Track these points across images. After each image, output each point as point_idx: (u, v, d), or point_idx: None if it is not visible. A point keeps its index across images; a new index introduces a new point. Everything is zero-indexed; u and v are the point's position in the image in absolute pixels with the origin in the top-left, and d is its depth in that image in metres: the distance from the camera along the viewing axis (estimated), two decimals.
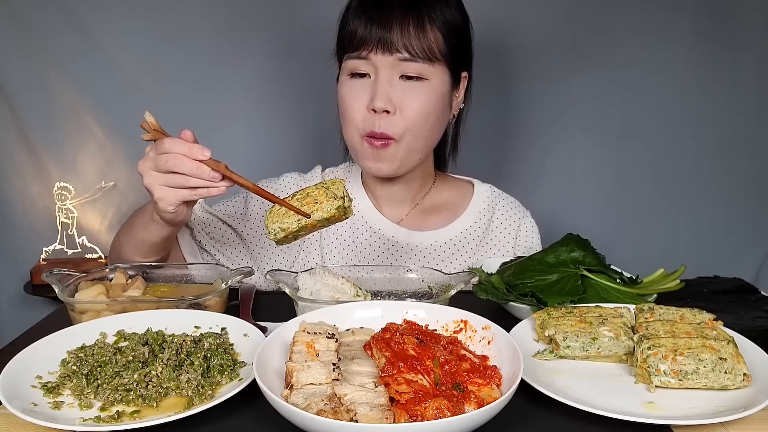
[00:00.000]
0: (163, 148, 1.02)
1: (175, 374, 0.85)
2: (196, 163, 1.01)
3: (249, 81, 2.41)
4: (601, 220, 2.47)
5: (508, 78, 2.43)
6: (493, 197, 1.53)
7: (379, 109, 1.28)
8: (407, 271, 1.17)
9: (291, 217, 1.01)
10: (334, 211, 1.01)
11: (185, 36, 2.34)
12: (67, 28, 2.29)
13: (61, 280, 1.10)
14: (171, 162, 1.01)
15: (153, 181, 1.05)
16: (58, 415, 0.80)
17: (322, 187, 1.03)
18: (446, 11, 1.31)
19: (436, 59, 1.30)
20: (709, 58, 2.39)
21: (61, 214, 2.46)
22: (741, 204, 2.52)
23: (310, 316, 0.94)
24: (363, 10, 1.29)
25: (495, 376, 0.82)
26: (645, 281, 1.18)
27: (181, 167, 1.01)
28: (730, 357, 0.86)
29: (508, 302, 1.11)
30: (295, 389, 0.78)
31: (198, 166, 1.01)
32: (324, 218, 1.01)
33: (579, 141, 2.47)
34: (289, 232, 1.01)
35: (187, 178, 1.02)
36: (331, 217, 1.01)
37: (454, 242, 1.47)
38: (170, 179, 1.04)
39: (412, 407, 0.74)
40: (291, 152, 2.44)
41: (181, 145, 1.01)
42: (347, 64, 1.33)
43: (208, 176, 1.01)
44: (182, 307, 1.05)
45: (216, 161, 1.02)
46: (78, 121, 2.38)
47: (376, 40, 1.27)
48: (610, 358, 0.94)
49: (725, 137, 2.47)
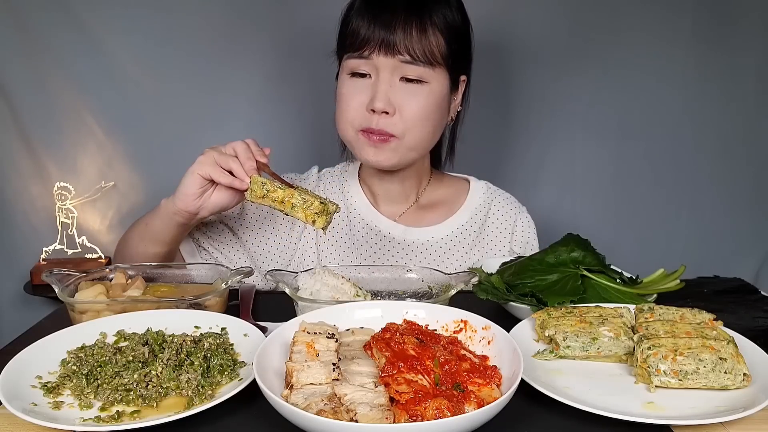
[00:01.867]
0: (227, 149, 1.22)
1: (175, 374, 0.85)
2: (245, 146, 1.22)
3: (249, 81, 2.41)
4: (601, 220, 2.47)
5: (507, 77, 2.42)
6: (489, 194, 1.54)
7: (379, 110, 1.29)
8: (407, 271, 1.17)
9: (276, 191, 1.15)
10: (310, 214, 1.13)
11: (185, 36, 2.34)
12: (67, 28, 2.29)
13: (61, 280, 1.10)
14: (229, 148, 1.22)
15: (205, 162, 1.21)
16: (58, 415, 0.80)
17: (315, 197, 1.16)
18: (449, 15, 1.32)
19: (437, 63, 1.30)
20: (709, 58, 2.39)
21: (61, 214, 2.45)
22: (741, 204, 2.52)
23: (310, 316, 0.94)
24: (367, 10, 1.29)
25: (495, 376, 0.82)
26: (645, 281, 1.18)
27: (237, 149, 1.21)
28: (730, 357, 0.86)
29: (508, 302, 1.11)
30: (295, 389, 0.78)
31: (246, 149, 1.21)
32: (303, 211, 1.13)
33: (579, 141, 2.46)
34: (270, 188, 1.14)
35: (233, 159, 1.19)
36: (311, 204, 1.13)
37: (451, 238, 1.48)
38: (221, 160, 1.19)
39: (412, 407, 0.74)
40: (290, 151, 2.43)
41: (241, 146, 1.22)
42: (348, 63, 1.33)
43: (253, 160, 1.20)
44: (182, 307, 1.05)
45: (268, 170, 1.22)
46: (78, 121, 2.38)
47: (379, 41, 1.27)
48: (610, 358, 0.94)
49: (725, 137, 2.46)
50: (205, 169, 1.19)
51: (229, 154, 1.20)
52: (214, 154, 1.20)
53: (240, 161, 1.19)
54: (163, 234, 1.30)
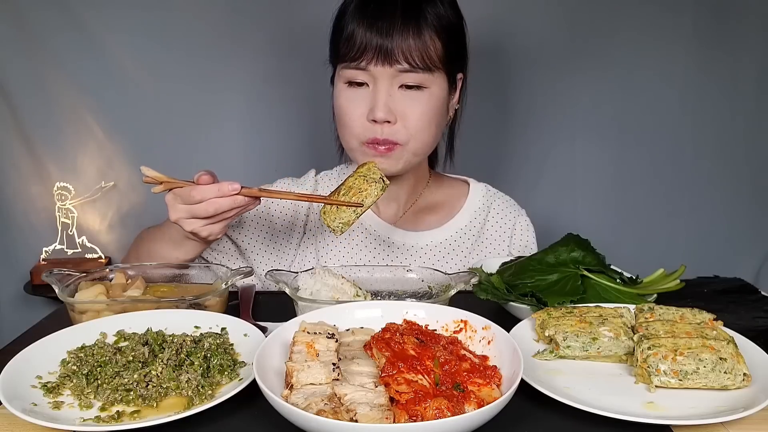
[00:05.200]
0: (195, 199, 1.09)
1: (175, 374, 0.85)
2: (232, 198, 1.09)
3: (248, 81, 2.41)
4: (601, 220, 2.47)
5: (507, 78, 2.42)
6: (488, 196, 1.53)
7: (380, 120, 1.27)
8: (407, 271, 1.17)
9: (345, 211, 1.13)
10: (380, 192, 1.13)
11: (185, 36, 2.34)
12: (67, 28, 2.29)
13: (61, 280, 1.10)
14: (211, 208, 1.09)
15: (196, 226, 1.13)
16: (58, 415, 0.80)
17: (359, 176, 1.15)
18: (443, 14, 1.29)
19: (436, 67, 1.28)
20: (709, 58, 2.39)
21: (61, 214, 2.45)
22: (741, 204, 2.52)
23: (310, 316, 0.94)
24: (361, 17, 1.26)
25: (495, 376, 0.82)
26: (645, 281, 1.18)
27: (221, 208, 1.10)
28: (730, 357, 0.86)
29: (508, 302, 1.11)
30: (295, 389, 0.78)
31: (234, 199, 1.09)
32: (374, 203, 1.13)
33: (579, 141, 2.46)
34: (351, 224, 1.13)
35: (228, 212, 1.11)
36: (378, 198, 1.13)
37: (450, 242, 1.47)
38: (212, 219, 1.12)
39: (412, 407, 0.74)
40: (289, 152, 2.44)
41: (211, 190, 1.08)
42: (344, 73, 1.30)
43: (245, 202, 1.11)
44: (182, 307, 1.05)
45: (248, 188, 1.10)
46: (78, 121, 2.38)
47: (376, 50, 1.24)
48: (610, 358, 0.94)
49: (725, 137, 2.47)
50: (218, 230, 1.16)
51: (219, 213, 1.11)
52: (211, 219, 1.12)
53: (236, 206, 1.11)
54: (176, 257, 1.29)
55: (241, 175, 1.17)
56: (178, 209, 1.12)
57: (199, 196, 1.09)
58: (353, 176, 1.16)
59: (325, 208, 1.14)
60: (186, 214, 1.12)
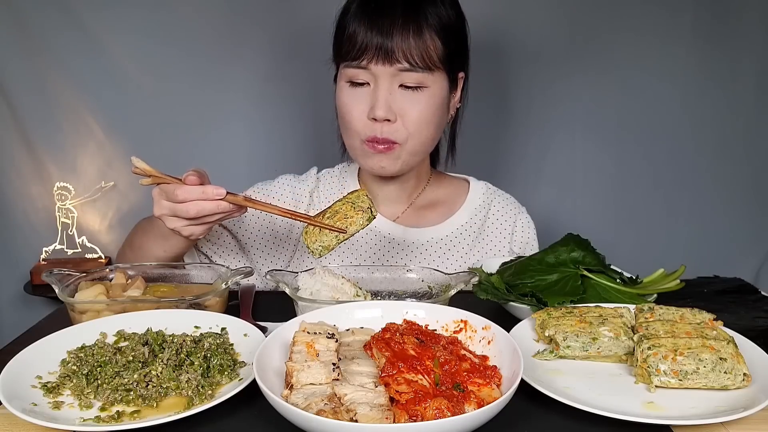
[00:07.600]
0: (179, 198, 1.08)
1: (175, 374, 0.85)
2: (216, 203, 1.07)
3: (248, 81, 2.41)
4: (601, 220, 2.47)
5: (507, 78, 2.43)
6: (488, 194, 1.54)
7: (380, 119, 1.29)
8: (407, 271, 1.17)
9: (327, 235, 1.08)
10: (365, 223, 1.09)
11: (185, 36, 2.34)
12: (67, 28, 2.29)
13: (61, 280, 1.10)
14: (193, 210, 1.08)
15: (178, 225, 1.12)
16: (58, 415, 0.80)
17: (347, 202, 1.11)
18: (443, 14, 1.30)
19: (436, 67, 1.29)
20: (709, 58, 2.39)
21: (61, 214, 2.46)
22: (741, 204, 2.52)
23: (310, 316, 0.94)
24: (362, 16, 1.27)
25: (495, 376, 0.82)
26: (645, 281, 1.18)
27: (203, 212, 1.08)
28: (730, 357, 0.86)
29: (508, 302, 1.11)
30: (295, 389, 0.78)
31: (218, 204, 1.08)
32: (357, 231, 1.09)
33: (579, 141, 2.47)
34: (331, 249, 1.09)
35: (210, 216, 1.10)
36: (362, 228, 1.09)
37: (450, 239, 1.48)
38: (195, 220, 1.10)
39: (412, 407, 0.74)
40: (290, 151, 2.44)
41: (195, 192, 1.07)
42: (346, 72, 1.32)
43: (229, 208, 1.09)
44: (182, 307, 1.05)
45: (233, 194, 1.08)
46: (78, 121, 2.38)
47: (376, 49, 1.25)
48: (610, 358, 0.94)
49: (725, 137, 2.47)
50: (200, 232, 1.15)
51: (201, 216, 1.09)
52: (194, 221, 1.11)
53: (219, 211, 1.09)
54: (166, 255, 1.29)
55: (242, 175, 1.17)
56: (162, 205, 1.11)
57: (183, 195, 1.07)
58: (341, 201, 1.12)
59: (308, 229, 1.09)
60: (169, 212, 1.11)
